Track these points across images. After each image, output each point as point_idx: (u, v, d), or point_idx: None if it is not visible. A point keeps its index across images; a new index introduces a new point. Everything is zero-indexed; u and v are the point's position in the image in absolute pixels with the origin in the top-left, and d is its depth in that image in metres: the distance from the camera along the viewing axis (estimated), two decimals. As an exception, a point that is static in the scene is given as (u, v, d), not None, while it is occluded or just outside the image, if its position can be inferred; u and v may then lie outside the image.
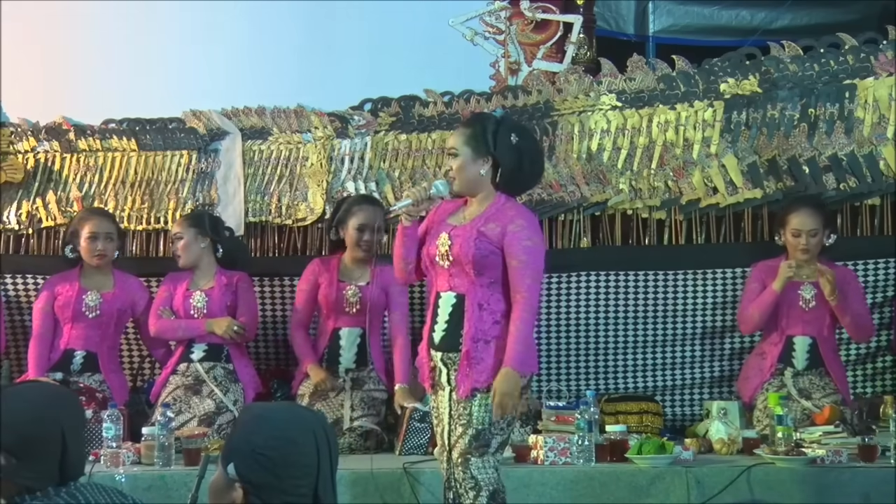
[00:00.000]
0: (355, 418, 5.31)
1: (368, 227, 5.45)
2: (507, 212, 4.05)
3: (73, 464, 2.49)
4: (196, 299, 5.57)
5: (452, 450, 4.01)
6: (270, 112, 6.28)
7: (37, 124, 6.35)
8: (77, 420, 2.56)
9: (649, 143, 6.04)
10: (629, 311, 5.88)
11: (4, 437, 2.41)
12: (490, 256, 3.98)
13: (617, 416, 5.35)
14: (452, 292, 4.04)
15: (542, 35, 6.41)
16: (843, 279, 5.39)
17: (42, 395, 2.56)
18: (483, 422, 3.97)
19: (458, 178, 4.07)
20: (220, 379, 5.48)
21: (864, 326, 5.43)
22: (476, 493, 3.97)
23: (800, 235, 5.33)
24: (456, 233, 4.04)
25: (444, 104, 6.21)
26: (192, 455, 4.77)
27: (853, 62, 5.95)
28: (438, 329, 4.07)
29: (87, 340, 5.57)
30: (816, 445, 4.81)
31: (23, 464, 2.41)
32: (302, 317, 5.61)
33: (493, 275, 4.00)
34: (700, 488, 4.56)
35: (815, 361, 5.36)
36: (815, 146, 5.92)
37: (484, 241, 3.98)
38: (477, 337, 3.97)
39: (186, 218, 5.75)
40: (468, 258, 3.97)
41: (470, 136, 4.06)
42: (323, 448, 2.43)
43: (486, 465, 3.99)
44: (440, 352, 4.07)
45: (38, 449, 2.43)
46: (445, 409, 4.04)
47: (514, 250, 3.97)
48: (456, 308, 4.03)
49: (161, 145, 6.32)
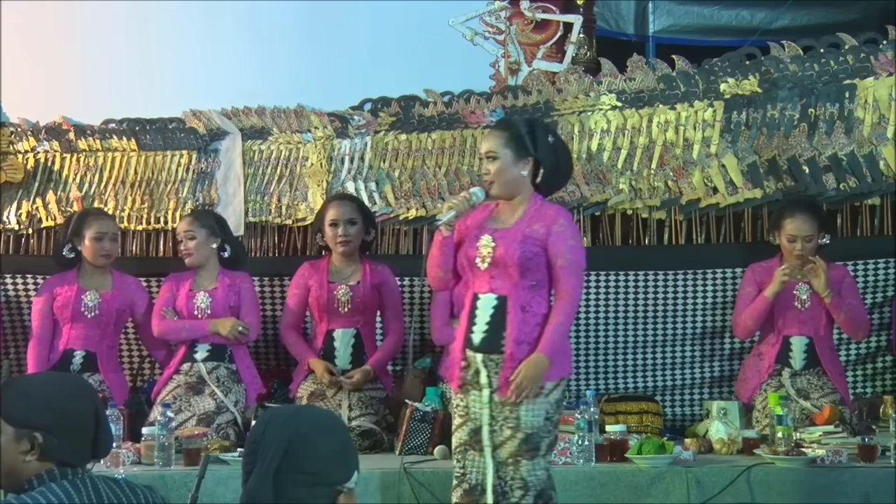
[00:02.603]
0: (353, 418, 5.31)
1: (340, 221, 5.49)
2: (546, 212, 4.10)
3: (104, 442, 2.62)
4: (200, 300, 5.56)
5: (498, 448, 4.05)
6: (270, 112, 6.29)
7: (37, 124, 6.36)
8: (100, 402, 2.70)
9: (649, 143, 6.04)
10: (629, 311, 5.88)
11: (42, 417, 2.53)
12: (534, 258, 4.03)
13: (617, 416, 5.35)
14: (493, 294, 4.07)
15: (542, 35, 6.42)
16: (838, 277, 5.39)
17: (69, 378, 2.80)
18: (532, 426, 4.02)
19: (497, 180, 4.09)
20: (223, 379, 5.48)
21: (860, 323, 5.41)
22: (523, 492, 4.02)
23: (795, 241, 5.32)
24: (499, 235, 4.07)
25: (444, 104, 6.21)
26: (191, 455, 4.77)
27: (853, 62, 5.95)
28: (478, 330, 4.10)
29: (87, 340, 5.57)
30: (816, 445, 4.81)
31: (61, 441, 2.53)
32: (293, 319, 5.62)
33: (536, 276, 4.05)
34: (700, 488, 4.56)
35: (812, 361, 5.36)
36: (815, 146, 5.92)
37: (529, 243, 4.03)
38: (520, 339, 4.01)
39: (197, 217, 5.71)
40: (514, 260, 4.01)
41: (509, 139, 4.09)
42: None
43: (536, 467, 4.03)
44: (481, 353, 4.08)
45: (75, 425, 2.55)
46: (483, 408, 4.06)
47: (560, 250, 4.03)
48: (497, 310, 4.06)
49: (161, 145, 6.32)
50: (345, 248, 5.52)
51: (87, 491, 2.53)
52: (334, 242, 5.54)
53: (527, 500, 4.02)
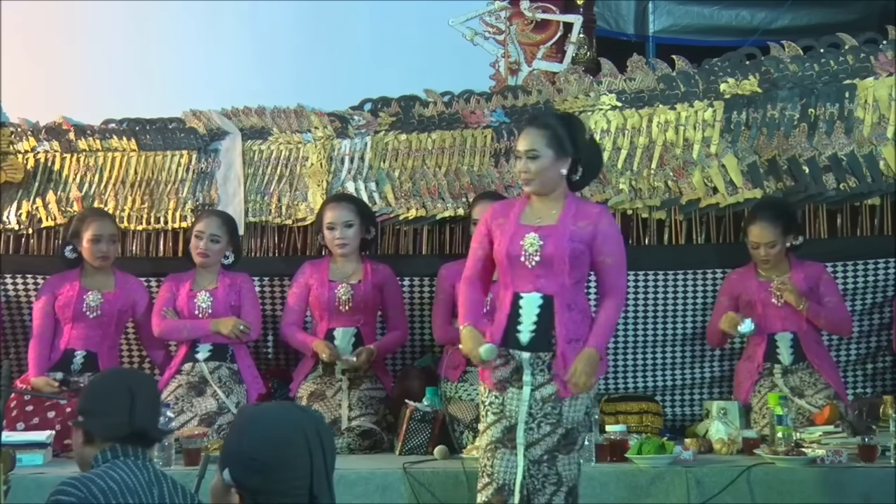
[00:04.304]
0: (353, 418, 5.31)
1: (336, 224, 5.50)
2: (587, 209, 4.17)
3: (144, 421, 3.03)
4: (201, 299, 5.57)
5: (532, 446, 4.06)
6: (270, 112, 6.29)
7: (37, 124, 6.36)
8: (148, 387, 3.16)
9: (649, 143, 6.04)
10: (629, 311, 5.87)
11: (82, 403, 3.11)
12: (581, 256, 4.08)
13: (617, 416, 5.35)
14: (538, 293, 4.09)
15: (542, 35, 6.42)
16: (815, 275, 5.39)
17: (119, 370, 3.96)
18: (573, 421, 4.06)
19: (537, 178, 4.12)
20: (225, 379, 5.48)
21: (842, 323, 5.41)
22: (556, 488, 4.05)
23: (758, 248, 5.34)
24: (545, 233, 4.08)
25: (444, 104, 6.21)
26: (192, 455, 4.77)
27: (853, 62, 5.95)
28: (525, 329, 4.11)
29: (88, 340, 5.56)
30: (816, 445, 4.81)
31: (96, 418, 3.03)
32: (294, 318, 5.61)
33: (579, 273, 4.11)
34: (700, 488, 4.56)
35: (800, 355, 5.36)
36: (815, 146, 5.92)
37: (577, 240, 4.07)
38: (570, 337, 4.06)
39: (222, 220, 5.68)
40: (563, 257, 4.04)
41: (552, 138, 4.11)
42: (315, 448, 2.44)
43: (571, 461, 4.08)
44: (528, 352, 4.10)
45: (108, 405, 3.02)
46: (522, 406, 4.07)
47: (610, 247, 4.10)
48: (544, 309, 4.08)
49: (161, 145, 6.32)
50: (342, 250, 5.53)
51: (147, 474, 2.95)
52: (332, 245, 5.55)
53: (558, 498, 4.04)
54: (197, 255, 5.58)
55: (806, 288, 5.34)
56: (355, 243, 5.57)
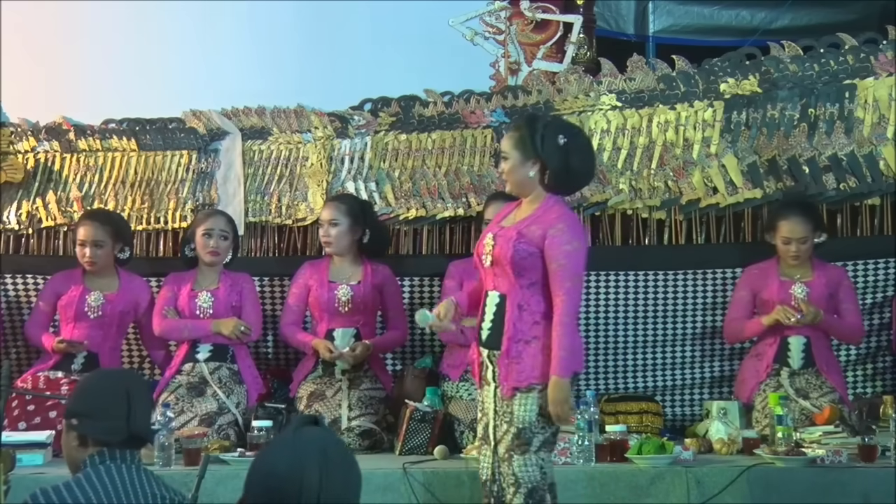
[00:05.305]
0: (353, 418, 5.31)
1: (324, 222, 5.53)
2: (550, 214, 4.09)
3: (140, 424, 3.02)
4: (202, 299, 5.56)
5: (498, 445, 4.07)
6: (270, 112, 6.29)
7: (37, 124, 6.36)
8: (142, 389, 3.15)
9: (649, 143, 6.04)
10: (629, 311, 5.88)
11: (75, 404, 3.07)
12: (529, 258, 4.02)
13: (617, 416, 5.35)
14: (496, 292, 4.11)
15: (542, 35, 6.42)
16: (836, 279, 5.40)
17: (112, 371, 3.80)
18: (523, 421, 4.02)
19: (508, 180, 4.16)
20: (225, 380, 5.48)
21: (855, 333, 5.47)
22: (515, 489, 4.02)
23: (790, 243, 5.34)
24: (500, 234, 4.10)
25: (444, 104, 6.21)
26: (192, 455, 4.77)
27: (853, 62, 5.95)
28: (485, 327, 4.13)
29: (89, 340, 5.55)
30: (816, 445, 4.81)
31: (93, 421, 2.99)
32: (293, 318, 5.61)
33: (532, 276, 4.04)
34: (700, 488, 4.56)
35: (810, 360, 5.37)
36: (815, 146, 5.92)
37: (523, 243, 4.03)
38: (516, 337, 4.03)
39: (227, 218, 5.69)
40: (507, 259, 4.02)
41: (518, 140, 4.11)
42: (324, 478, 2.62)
43: (527, 463, 4.03)
44: (486, 349, 4.13)
45: (106, 408, 3.00)
46: (490, 404, 4.09)
47: (554, 253, 4.01)
48: (499, 307, 4.08)
49: (161, 145, 6.32)
50: (327, 248, 5.55)
51: (134, 477, 2.96)
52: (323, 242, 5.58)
53: (518, 499, 4.01)
54: (208, 254, 5.56)
55: (826, 293, 5.35)
56: (342, 243, 5.54)
